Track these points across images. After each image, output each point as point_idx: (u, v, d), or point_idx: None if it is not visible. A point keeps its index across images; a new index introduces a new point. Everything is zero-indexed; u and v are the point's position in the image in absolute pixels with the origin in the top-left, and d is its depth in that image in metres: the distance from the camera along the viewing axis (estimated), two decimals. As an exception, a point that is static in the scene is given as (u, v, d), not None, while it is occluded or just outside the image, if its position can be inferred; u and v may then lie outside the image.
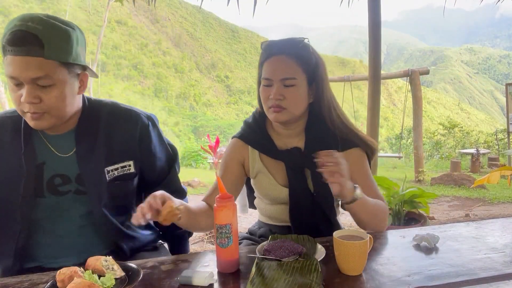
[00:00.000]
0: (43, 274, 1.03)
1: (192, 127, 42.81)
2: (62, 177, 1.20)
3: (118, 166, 1.25)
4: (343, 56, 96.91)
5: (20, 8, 53.35)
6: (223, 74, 62.22)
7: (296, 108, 1.26)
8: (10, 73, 1.05)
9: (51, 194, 1.19)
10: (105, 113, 1.26)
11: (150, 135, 1.32)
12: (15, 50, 1.02)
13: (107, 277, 0.90)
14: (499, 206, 5.32)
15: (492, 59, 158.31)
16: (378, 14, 3.12)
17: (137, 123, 1.29)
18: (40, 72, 1.04)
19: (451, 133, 14.05)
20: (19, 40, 1.02)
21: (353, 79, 7.60)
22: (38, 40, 1.03)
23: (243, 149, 1.39)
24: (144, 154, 1.31)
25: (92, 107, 1.26)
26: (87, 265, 0.96)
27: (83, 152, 1.20)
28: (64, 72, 1.09)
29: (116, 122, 1.26)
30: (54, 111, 1.10)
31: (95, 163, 1.21)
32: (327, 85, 1.31)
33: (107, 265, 0.95)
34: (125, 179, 1.27)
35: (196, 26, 71.20)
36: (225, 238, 0.99)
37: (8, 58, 1.04)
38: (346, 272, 0.98)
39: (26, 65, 1.03)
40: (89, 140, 1.21)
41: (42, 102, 1.07)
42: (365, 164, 1.33)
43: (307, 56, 1.26)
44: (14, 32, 1.02)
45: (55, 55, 1.06)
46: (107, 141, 1.23)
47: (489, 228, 1.32)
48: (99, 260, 0.96)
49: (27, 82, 1.05)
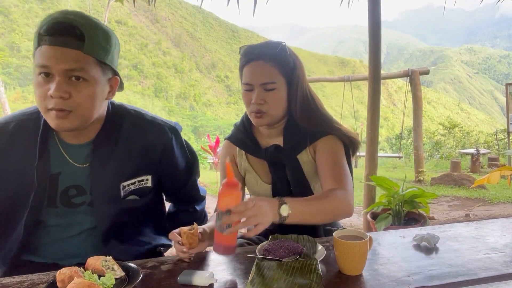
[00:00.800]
0: (43, 274, 1.03)
1: (192, 127, 42.84)
2: (77, 188, 1.15)
3: (135, 180, 1.20)
4: (343, 56, 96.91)
5: (20, 8, 53.31)
6: (223, 74, 62.20)
7: (276, 111, 1.30)
8: (43, 62, 0.98)
9: (64, 206, 1.15)
10: (127, 124, 1.20)
11: (173, 149, 1.28)
12: (53, 39, 0.97)
13: (107, 277, 0.90)
14: (499, 206, 5.32)
15: (492, 59, 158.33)
16: (378, 14, 3.11)
17: (160, 137, 1.24)
18: (76, 64, 0.99)
19: (451, 133, 14.05)
20: (58, 30, 0.97)
21: (353, 79, 7.60)
22: (79, 33, 0.98)
23: (233, 150, 1.48)
24: (164, 167, 1.26)
25: (115, 114, 1.19)
26: (87, 265, 0.96)
27: (98, 164, 1.14)
28: (99, 71, 1.05)
29: (138, 135, 1.20)
30: (81, 111, 1.04)
31: (109, 176, 1.16)
32: (303, 83, 1.34)
33: (107, 265, 0.95)
34: (140, 194, 1.23)
35: (196, 26, 71.20)
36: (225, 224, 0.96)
37: (42, 48, 0.98)
38: (346, 272, 0.98)
39: (63, 56, 0.98)
40: (106, 152, 1.15)
41: (71, 98, 1.01)
42: (334, 151, 1.30)
43: (284, 59, 1.30)
44: (54, 22, 0.98)
45: (94, 52, 1.01)
46: (126, 154, 1.18)
47: (489, 228, 1.32)
48: (99, 260, 0.96)
49: (60, 74, 0.99)
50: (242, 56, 1.33)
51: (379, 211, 3.30)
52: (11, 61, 50.60)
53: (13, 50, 52.29)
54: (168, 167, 1.28)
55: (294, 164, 1.34)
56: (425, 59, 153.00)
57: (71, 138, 1.15)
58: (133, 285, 0.91)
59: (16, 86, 48.02)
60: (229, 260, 1.11)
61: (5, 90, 8.72)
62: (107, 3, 13.89)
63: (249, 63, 1.29)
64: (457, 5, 12.28)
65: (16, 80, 49.08)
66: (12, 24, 53.51)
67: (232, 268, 1.05)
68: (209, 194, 6.31)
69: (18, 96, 46.62)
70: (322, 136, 1.33)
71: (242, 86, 1.32)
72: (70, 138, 1.15)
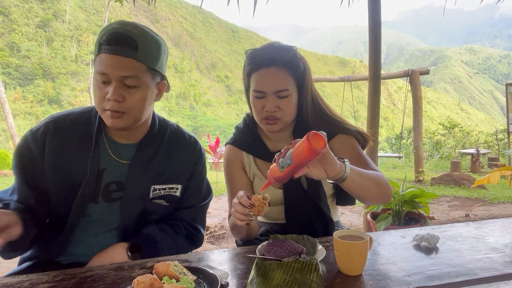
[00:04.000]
0: (43, 274, 1.03)
1: (192, 127, 42.79)
2: (117, 184, 1.22)
3: (166, 187, 1.27)
4: (343, 56, 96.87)
5: (20, 8, 53.32)
6: (223, 74, 62.18)
7: (289, 116, 1.29)
8: (102, 69, 1.09)
9: (104, 201, 1.22)
10: (170, 134, 1.31)
11: (200, 165, 1.36)
12: (111, 49, 1.08)
13: (185, 280, 0.89)
14: (499, 206, 5.32)
15: (492, 59, 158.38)
16: (378, 14, 3.11)
17: (194, 152, 1.34)
18: (130, 72, 1.10)
19: (451, 133, 14.05)
20: (116, 40, 1.08)
21: (353, 79, 7.59)
22: (133, 43, 1.09)
23: (239, 154, 1.44)
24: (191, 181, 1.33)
25: (161, 124, 1.32)
26: (156, 272, 0.94)
27: (139, 163, 1.23)
28: (149, 77, 1.15)
29: (177, 145, 1.31)
30: (133, 112, 1.15)
31: (145, 176, 1.23)
32: (312, 86, 1.33)
33: (177, 270, 0.94)
34: (168, 200, 1.28)
35: (196, 26, 71.19)
36: (286, 163, 0.99)
37: (102, 56, 1.09)
38: (346, 272, 0.98)
39: (119, 64, 1.09)
40: (149, 154, 1.25)
41: (124, 102, 1.12)
42: (353, 146, 1.33)
43: (296, 65, 1.27)
44: (113, 33, 1.09)
45: (145, 59, 1.12)
46: (165, 160, 1.27)
47: (489, 228, 1.32)
48: (169, 265, 0.94)
49: (116, 80, 1.10)
50: (249, 61, 1.28)
51: (379, 211, 3.30)
52: (11, 61, 50.57)
53: (13, 50, 52.26)
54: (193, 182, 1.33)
55: None
56: (425, 59, 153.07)
57: (120, 137, 1.25)
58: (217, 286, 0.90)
59: (16, 86, 48.01)
60: (229, 260, 1.11)
61: (5, 90, 8.73)
62: (107, 3, 13.91)
63: (259, 69, 1.25)
64: (457, 5, 12.28)
65: (16, 80, 49.06)
66: (12, 24, 53.47)
67: (232, 268, 1.05)
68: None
69: (18, 96, 46.62)
70: (334, 136, 1.33)
71: (251, 93, 1.28)
72: (119, 137, 1.25)
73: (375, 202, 1.29)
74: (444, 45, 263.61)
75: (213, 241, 3.89)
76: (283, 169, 0.99)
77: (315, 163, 1.02)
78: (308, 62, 1.34)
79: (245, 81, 1.32)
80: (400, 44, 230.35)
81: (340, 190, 1.35)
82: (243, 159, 1.43)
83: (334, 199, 1.44)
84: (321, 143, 0.95)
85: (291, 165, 0.98)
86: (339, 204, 1.45)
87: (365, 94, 3.79)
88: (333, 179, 1.08)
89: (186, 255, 1.16)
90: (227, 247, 2.57)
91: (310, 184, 1.33)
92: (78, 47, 50.98)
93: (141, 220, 1.25)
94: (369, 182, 1.16)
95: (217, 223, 4.26)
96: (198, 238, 1.35)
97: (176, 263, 0.96)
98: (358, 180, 1.11)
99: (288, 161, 0.98)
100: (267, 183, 1.05)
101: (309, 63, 1.34)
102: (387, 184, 1.22)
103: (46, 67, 50.89)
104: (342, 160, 1.08)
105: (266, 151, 1.38)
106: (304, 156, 0.95)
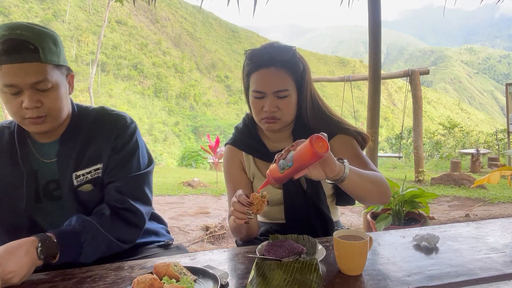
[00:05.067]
0: (43, 274, 1.03)
1: (192, 127, 42.81)
2: (55, 182, 1.23)
3: (90, 169, 1.24)
4: (343, 56, 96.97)
5: (20, 8, 53.32)
6: (223, 74, 62.18)
7: (289, 116, 1.29)
8: (9, 81, 1.06)
9: (47, 200, 1.23)
10: (90, 119, 1.28)
11: (125, 136, 1.27)
12: (11, 58, 1.04)
13: (185, 280, 0.89)
14: (499, 206, 5.32)
15: (492, 59, 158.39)
16: (378, 14, 3.11)
17: (116, 124, 1.27)
18: (39, 76, 1.08)
19: (451, 133, 14.05)
20: (13, 48, 1.04)
21: (353, 79, 7.59)
22: (32, 46, 1.06)
23: (239, 155, 1.44)
24: (113, 155, 1.25)
25: (80, 113, 1.29)
26: (156, 272, 0.94)
27: (63, 158, 1.22)
28: (58, 74, 1.14)
29: (97, 126, 1.27)
30: (54, 113, 1.14)
31: (69, 168, 1.22)
32: (311, 86, 1.33)
33: (177, 270, 0.94)
34: (94, 183, 1.24)
35: (196, 26, 71.20)
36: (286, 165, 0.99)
37: (3, 67, 1.05)
38: (346, 272, 0.98)
39: (25, 71, 1.06)
40: (70, 146, 1.23)
41: (43, 106, 1.11)
42: (352, 146, 1.33)
43: (295, 65, 1.27)
44: (6, 41, 1.04)
45: (49, 59, 1.10)
46: (85, 146, 1.24)
47: (489, 228, 1.32)
48: (169, 266, 0.94)
49: (27, 88, 1.08)
50: (249, 61, 1.27)
51: (379, 211, 3.30)
52: (11, 61, 50.49)
53: (13, 50, 52.12)
54: (117, 156, 1.25)
55: None
56: (425, 59, 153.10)
57: (42, 137, 1.24)
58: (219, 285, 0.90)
59: (16, 86, 47.93)
60: (229, 260, 1.11)
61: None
62: (107, 3, 13.89)
63: (258, 70, 1.25)
64: (457, 5, 12.27)
65: (16, 80, 48.95)
66: (12, 24, 53.35)
67: (232, 268, 1.05)
68: (209, 194, 6.30)
69: (18, 96, 46.55)
70: (334, 136, 1.33)
71: (251, 93, 1.28)
72: (41, 138, 1.24)
73: (374, 202, 1.29)
74: (444, 45, 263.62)
75: (213, 241, 3.89)
76: (284, 170, 1.00)
77: (315, 164, 1.02)
78: (307, 62, 1.34)
79: (244, 81, 1.32)
80: (400, 44, 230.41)
81: (340, 190, 1.35)
82: (243, 159, 1.43)
83: (333, 199, 1.44)
84: (324, 146, 0.96)
85: (292, 167, 0.98)
86: (339, 204, 1.45)
87: (365, 94, 3.81)
88: (332, 180, 1.08)
89: (186, 255, 1.16)
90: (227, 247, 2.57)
91: (310, 184, 1.33)
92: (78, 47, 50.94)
93: (88, 213, 1.20)
94: (368, 183, 1.17)
95: (217, 223, 4.26)
96: (133, 215, 1.21)
97: (176, 263, 0.96)
98: (357, 181, 1.12)
99: (289, 163, 0.98)
100: (266, 182, 1.05)
101: (309, 63, 1.34)
102: (385, 184, 1.23)
103: (46, 67, 50.68)
104: (341, 160, 1.09)
105: (265, 151, 1.38)
106: (307, 159, 0.96)
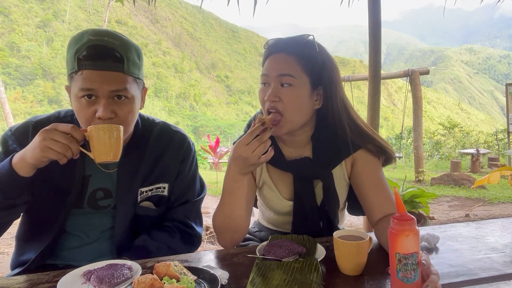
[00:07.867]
0: (43, 274, 1.03)
1: (192, 127, 42.76)
2: (104, 190, 1.20)
3: (152, 187, 1.24)
4: (343, 56, 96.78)
5: (20, 8, 53.31)
6: (223, 74, 62.18)
7: (294, 113, 1.14)
8: (87, 86, 1.03)
9: (90, 208, 1.20)
10: (155, 134, 1.26)
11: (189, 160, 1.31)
12: (94, 64, 1.02)
13: (185, 280, 0.89)
14: (499, 206, 5.32)
15: (492, 59, 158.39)
16: (378, 14, 3.11)
17: (181, 147, 1.29)
18: (120, 85, 1.05)
19: (451, 133, 14.07)
20: (99, 54, 1.02)
21: (353, 79, 7.60)
22: (119, 55, 1.04)
23: None
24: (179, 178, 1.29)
25: (145, 125, 1.27)
26: (157, 272, 0.94)
27: (125, 170, 1.20)
28: (135, 87, 1.11)
29: (163, 144, 1.26)
30: (125, 126, 1.09)
31: (132, 182, 1.20)
32: (338, 88, 1.19)
33: (177, 270, 0.94)
34: (156, 202, 1.25)
35: (196, 26, 71.19)
36: (412, 270, 0.80)
37: (84, 72, 1.02)
38: (346, 272, 0.98)
39: (107, 79, 1.03)
40: (134, 159, 1.21)
41: (116, 117, 1.07)
42: (374, 169, 1.23)
43: (310, 56, 1.15)
44: (92, 47, 1.02)
45: (131, 71, 1.08)
46: (151, 162, 1.23)
47: (489, 228, 1.32)
48: (170, 266, 0.94)
49: (105, 96, 1.04)
50: (265, 50, 1.21)
51: (379, 211, 3.30)
52: (11, 61, 50.53)
53: (13, 50, 52.22)
54: (182, 179, 1.29)
55: (328, 179, 1.22)
56: (425, 59, 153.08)
57: None
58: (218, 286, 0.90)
59: (16, 86, 47.98)
60: (229, 260, 1.11)
61: (5, 90, 8.73)
62: (107, 3, 13.90)
63: (270, 55, 1.17)
64: (457, 5, 12.27)
65: (16, 80, 49.03)
66: (12, 24, 53.42)
67: (232, 268, 1.05)
68: (209, 194, 6.30)
69: (18, 96, 46.58)
70: (359, 149, 1.22)
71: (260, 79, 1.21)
72: None
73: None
74: (444, 45, 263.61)
75: (213, 241, 3.89)
76: (409, 279, 0.81)
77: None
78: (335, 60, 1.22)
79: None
80: (400, 44, 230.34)
81: (353, 201, 1.32)
82: None
83: (344, 207, 1.40)
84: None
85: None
86: (351, 213, 1.43)
87: (365, 94, 3.79)
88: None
89: (186, 255, 1.16)
90: (227, 247, 2.56)
91: (327, 197, 1.23)
92: (78, 47, 50.91)
93: (134, 226, 1.22)
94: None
95: (217, 223, 4.25)
96: (194, 236, 1.30)
97: (176, 263, 0.96)
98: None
99: (406, 263, 0.81)
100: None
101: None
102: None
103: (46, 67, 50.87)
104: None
105: (281, 158, 1.24)
106: (402, 234, 0.83)
